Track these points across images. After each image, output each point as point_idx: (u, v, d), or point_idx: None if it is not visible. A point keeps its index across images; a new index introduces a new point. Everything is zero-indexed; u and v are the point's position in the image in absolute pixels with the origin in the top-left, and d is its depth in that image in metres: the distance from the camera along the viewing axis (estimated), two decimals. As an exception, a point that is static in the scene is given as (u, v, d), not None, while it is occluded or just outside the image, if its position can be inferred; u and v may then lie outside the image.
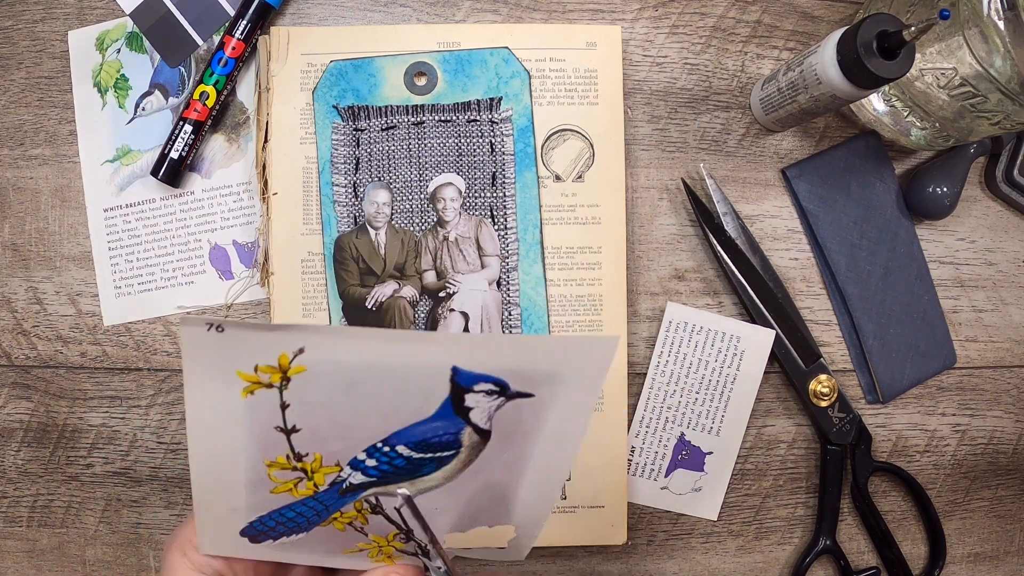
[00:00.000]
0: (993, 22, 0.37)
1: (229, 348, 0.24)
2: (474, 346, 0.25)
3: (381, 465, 0.27)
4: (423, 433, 0.26)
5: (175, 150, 0.46)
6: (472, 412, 0.26)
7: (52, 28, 0.48)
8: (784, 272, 0.49)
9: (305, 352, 0.24)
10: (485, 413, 0.26)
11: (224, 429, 0.26)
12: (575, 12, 0.49)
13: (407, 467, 0.27)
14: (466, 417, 0.26)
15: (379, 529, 0.30)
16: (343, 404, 0.26)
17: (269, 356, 0.24)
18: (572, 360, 0.25)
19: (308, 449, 0.27)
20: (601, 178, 0.46)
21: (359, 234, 0.46)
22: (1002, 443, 0.51)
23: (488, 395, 0.26)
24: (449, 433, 0.27)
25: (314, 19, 0.48)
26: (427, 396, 0.26)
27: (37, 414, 0.48)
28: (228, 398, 0.25)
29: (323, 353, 0.24)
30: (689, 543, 0.49)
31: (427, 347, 0.25)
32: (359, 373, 0.25)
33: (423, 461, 0.27)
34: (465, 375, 0.25)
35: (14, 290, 0.48)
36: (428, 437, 0.27)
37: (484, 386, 0.25)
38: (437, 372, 0.25)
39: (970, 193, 0.51)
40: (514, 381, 0.26)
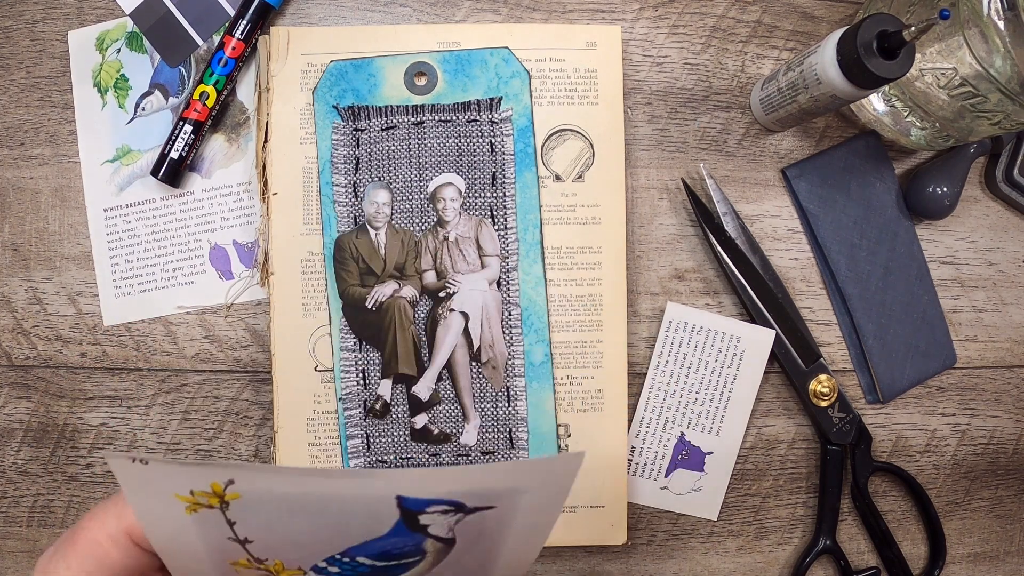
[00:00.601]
0: (993, 22, 0.37)
1: (160, 479, 0.23)
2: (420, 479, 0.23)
3: (345, 571, 0.26)
4: (382, 547, 0.25)
5: (175, 150, 0.46)
6: (430, 528, 0.25)
7: (52, 28, 0.48)
8: (784, 272, 0.49)
9: (235, 483, 0.23)
10: (445, 527, 0.25)
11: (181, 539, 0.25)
12: (575, 12, 0.49)
13: (372, 574, 0.26)
14: (424, 532, 0.25)
15: None
16: (289, 525, 0.25)
17: (202, 484, 0.23)
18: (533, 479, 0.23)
19: (266, 555, 0.26)
20: (601, 178, 0.46)
21: (359, 234, 0.46)
22: (1002, 443, 0.51)
23: (444, 513, 0.24)
24: (409, 546, 0.25)
25: (314, 19, 0.48)
26: (376, 519, 0.24)
27: (37, 414, 0.48)
28: (174, 515, 0.24)
29: (254, 484, 0.24)
30: (689, 543, 0.49)
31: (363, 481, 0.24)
32: (297, 501, 0.24)
33: (388, 568, 0.26)
34: (413, 501, 0.24)
35: (14, 290, 0.48)
36: (388, 549, 0.25)
37: (437, 508, 0.24)
38: (382, 500, 0.24)
39: (970, 193, 0.51)
40: (470, 500, 0.24)
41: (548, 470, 0.23)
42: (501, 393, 0.46)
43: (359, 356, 0.46)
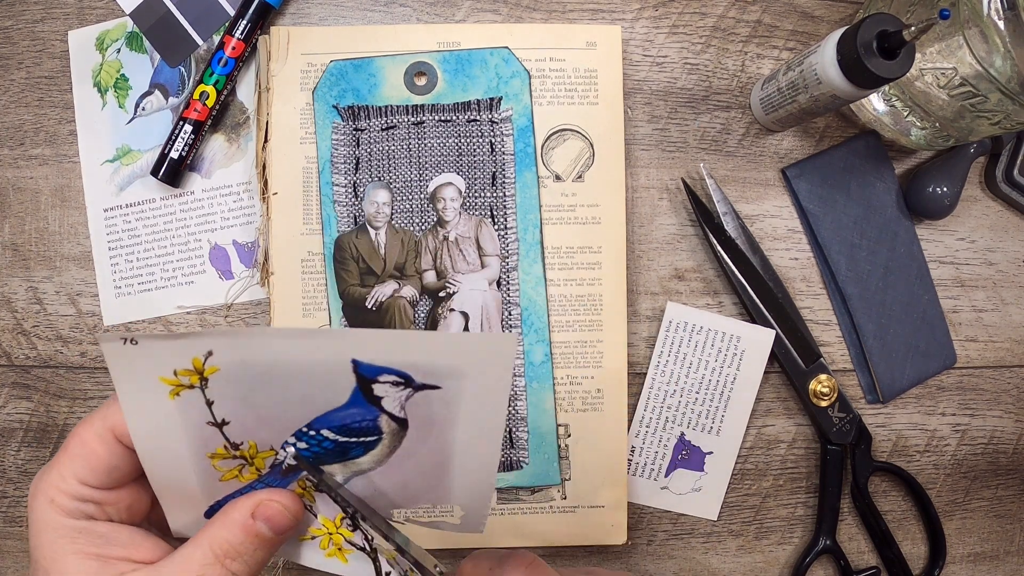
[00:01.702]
0: (993, 22, 0.37)
1: (147, 358, 0.26)
2: (370, 340, 0.25)
3: (312, 447, 0.28)
4: (342, 419, 0.27)
5: (175, 150, 0.46)
6: (383, 401, 0.27)
7: (52, 28, 0.48)
8: (784, 272, 0.49)
9: (213, 355, 0.26)
10: (396, 402, 0.27)
11: (162, 431, 0.27)
12: (575, 12, 0.49)
13: (336, 449, 0.28)
14: (379, 406, 0.27)
15: (326, 511, 0.30)
16: (261, 398, 0.27)
17: (184, 361, 0.26)
18: (471, 357, 0.25)
19: (242, 438, 0.28)
20: (601, 178, 0.46)
21: (359, 234, 0.46)
22: (1002, 443, 0.51)
23: (395, 385, 0.26)
24: (367, 420, 0.27)
25: (314, 19, 0.48)
26: (336, 387, 0.26)
27: (37, 414, 0.48)
28: (158, 402, 0.27)
29: (230, 354, 0.26)
30: (689, 543, 0.49)
31: (322, 342, 0.26)
32: (268, 369, 0.26)
33: (349, 444, 0.28)
34: (367, 367, 0.26)
35: (14, 290, 0.48)
36: (348, 423, 0.27)
37: (388, 377, 0.26)
38: (340, 365, 0.26)
39: (970, 193, 0.51)
40: (417, 374, 0.26)
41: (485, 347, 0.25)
42: (501, 393, 0.46)
43: (359, 356, 0.46)
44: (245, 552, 0.26)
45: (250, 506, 0.27)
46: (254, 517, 0.26)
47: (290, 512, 0.27)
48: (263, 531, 0.27)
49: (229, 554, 0.26)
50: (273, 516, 0.27)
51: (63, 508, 0.26)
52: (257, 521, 0.27)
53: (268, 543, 0.27)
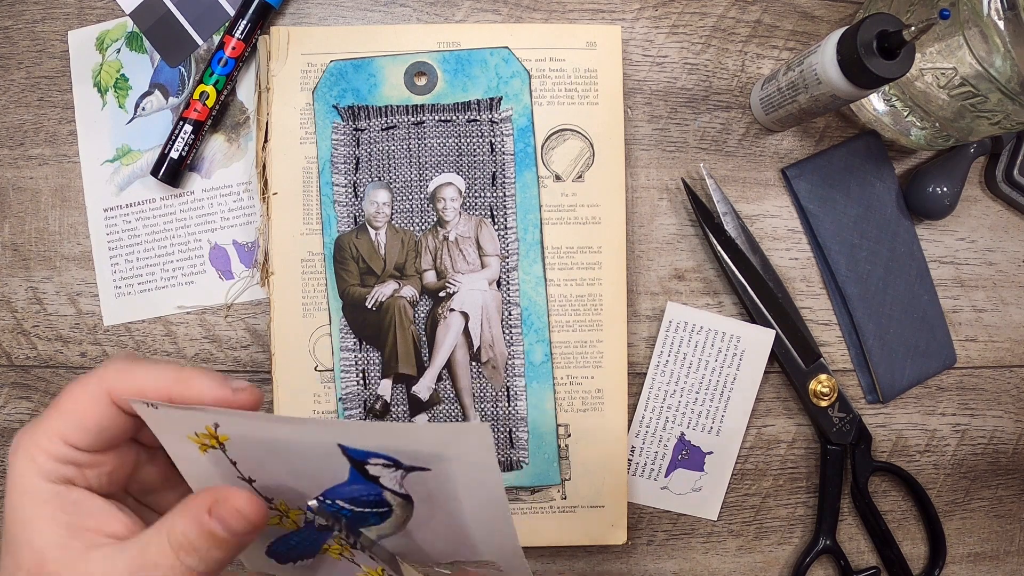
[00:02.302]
0: (993, 22, 0.37)
1: (169, 420, 0.26)
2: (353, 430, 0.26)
3: (332, 512, 0.28)
4: (350, 493, 0.27)
5: (175, 150, 0.46)
6: (381, 479, 0.27)
7: (52, 28, 0.48)
8: (784, 272, 0.49)
9: (220, 426, 0.26)
10: (393, 481, 0.27)
11: (205, 476, 0.28)
12: (575, 12, 0.49)
13: (354, 517, 0.28)
14: (378, 483, 0.27)
15: (367, 562, 0.30)
16: (273, 467, 0.27)
17: (199, 426, 0.26)
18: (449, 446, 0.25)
19: (271, 495, 0.28)
20: (601, 178, 0.46)
21: (359, 234, 0.46)
22: (1002, 443, 0.51)
23: (385, 467, 0.26)
24: (372, 494, 0.27)
25: (314, 19, 0.48)
26: (334, 465, 0.26)
27: (37, 414, 0.48)
28: (193, 454, 0.27)
29: (233, 428, 0.26)
30: (689, 543, 0.49)
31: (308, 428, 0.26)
32: (270, 445, 0.26)
33: (364, 514, 0.28)
34: (354, 451, 0.26)
35: (14, 290, 0.48)
36: (356, 496, 0.27)
37: (377, 460, 0.26)
38: (330, 448, 0.26)
39: (970, 193, 0.51)
40: (403, 458, 0.26)
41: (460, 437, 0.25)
42: (501, 393, 0.46)
43: (359, 356, 0.46)
44: (200, 548, 0.25)
45: (208, 502, 0.26)
46: (209, 513, 0.25)
47: (245, 517, 0.25)
48: (217, 530, 0.25)
49: (184, 547, 0.25)
50: (227, 518, 0.25)
51: (42, 469, 0.26)
52: (212, 519, 0.25)
53: (224, 543, 0.26)
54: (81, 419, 0.26)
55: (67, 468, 0.26)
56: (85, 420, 0.26)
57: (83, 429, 0.26)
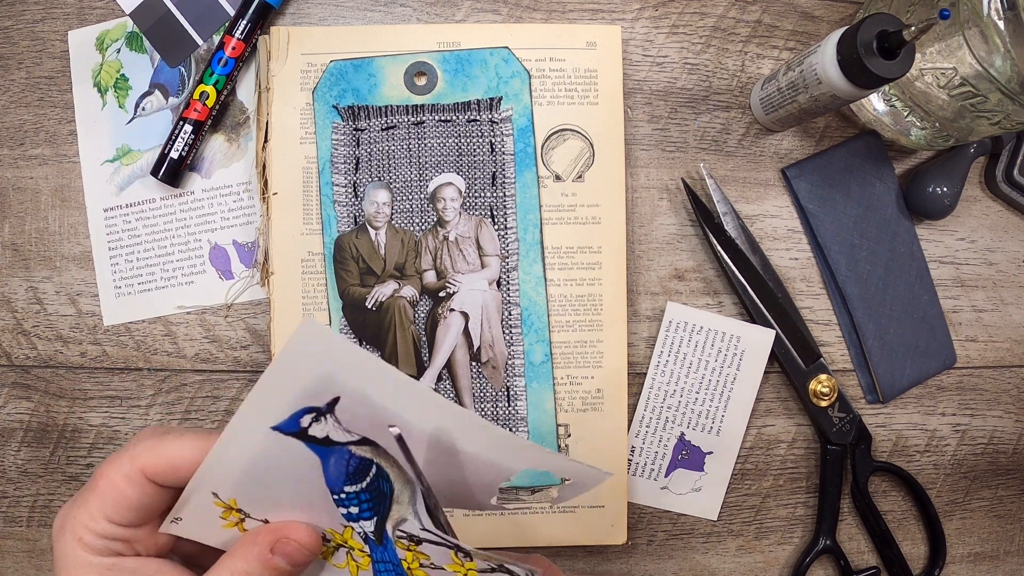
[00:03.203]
0: (993, 22, 0.37)
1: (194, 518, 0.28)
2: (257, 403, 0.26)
3: (361, 506, 0.28)
4: (337, 472, 0.27)
5: (175, 150, 0.46)
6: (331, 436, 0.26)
7: (52, 28, 0.48)
8: (784, 272, 0.49)
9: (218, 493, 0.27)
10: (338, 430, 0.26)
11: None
12: (575, 12, 0.49)
13: (375, 496, 0.28)
14: (334, 443, 0.27)
15: (441, 557, 0.30)
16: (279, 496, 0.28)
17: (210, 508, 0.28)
18: (303, 360, 0.25)
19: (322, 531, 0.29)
20: (601, 178, 0.46)
21: (359, 234, 0.46)
22: (1002, 443, 0.51)
23: (316, 420, 0.26)
24: (344, 460, 0.27)
25: (314, 19, 0.48)
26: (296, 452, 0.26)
27: (37, 414, 0.48)
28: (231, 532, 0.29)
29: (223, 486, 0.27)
30: (689, 543, 0.49)
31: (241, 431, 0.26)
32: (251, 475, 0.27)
33: (373, 485, 0.28)
34: (284, 425, 0.26)
35: (14, 290, 0.48)
36: (345, 471, 0.27)
37: (305, 419, 0.26)
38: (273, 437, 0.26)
39: (970, 193, 0.51)
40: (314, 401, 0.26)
41: (293, 347, 0.24)
42: (501, 393, 0.46)
43: (359, 356, 0.46)
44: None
45: (270, 540, 0.27)
46: (273, 552, 0.27)
47: (307, 549, 0.28)
48: (281, 565, 0.27)
49: None
50: (291, 552, 0.27)
51: (91, 546, 0.27)
52: (276, 556, 0.27)
53: (285, 574, 0.27)
54: (119, 499, 0.27)
55: (115, 544, 0.27)
56: (124, 501, 0.27)
57: (124, 509, 0.27)
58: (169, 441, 0.27)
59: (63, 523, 0.27)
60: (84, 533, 0.27)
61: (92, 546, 0.27)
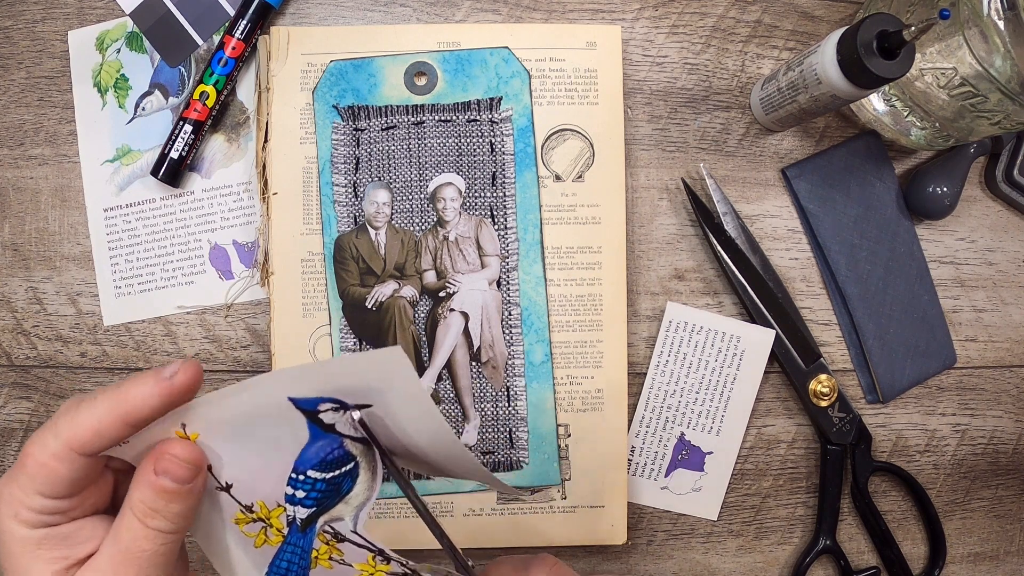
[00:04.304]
0: (993, 22, 0.37)
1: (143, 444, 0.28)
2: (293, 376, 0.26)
3: (310, 493, 0.29)
4: (316, 454, 0.28)
5: (175, 150, 0.46)
6: (337, 426, 0.27)
7: (52, 28, 0.48)
8: (784, 272, 0.49)
9: (187, 425, 0.28)
10: (347, 425, 0.27)
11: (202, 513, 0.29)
12: (575, 12, 0.49)
13: (329, 489, 0.29)
14: (336, 432, 0.27)
15: (357, 556, 0.31)
16: (241, 452, 0.28)
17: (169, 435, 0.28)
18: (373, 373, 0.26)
19: (250, 499, 0.29)
20: (601, 178, 0.46)
21: (359, 234, 0.46)
22: (1002, 443, 0.51)
23: (335, 411, 0.27)
24: (335, 448, 0.28)
25: (314, 19, 0.48)
26: (293, 425, 0.27)
27: (37, 414, 0.48)
28: None
29: (197, 421, 0.27)
30: (689, 543, 0.49)
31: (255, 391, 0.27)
32: (232, 425, 0.27)
33: (337, 479, 0.28)
34: (303, 401, 0.26)
35: (14, 290, 0.48)
36: (323, 456, 0.28)
37: (326, 405, 0.27)
38: (282, 405, 0.26)
39: (970, 193, 0.51)
40: (347, 397, 0.27)
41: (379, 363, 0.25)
42: (501, 393, 0.46)
43: (359, 356, 0.46)
44: (159, 507, 0.27)
45: (151, 463, 0.27)
46: (155, 473, 0.27)
47: (186, 461, 0.27)
48: (167, 484, 0.27)
49: (147, 513, 0.27)
50: (170, 468, 0.27)
51: (28, 521, 0.27)
52: (159, 476, 0.27)
53: (177, 495, 0.27)
54: (50, 476, 0.27)
55: (51, 516, 0.27)
56: (55, 476, 0.27)
57: (56, 484, 0.27)
58: (85, 408, 0.27)
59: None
60: (20, 509, 0.27)
61: (28, 520, 0.27)
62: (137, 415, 0.27)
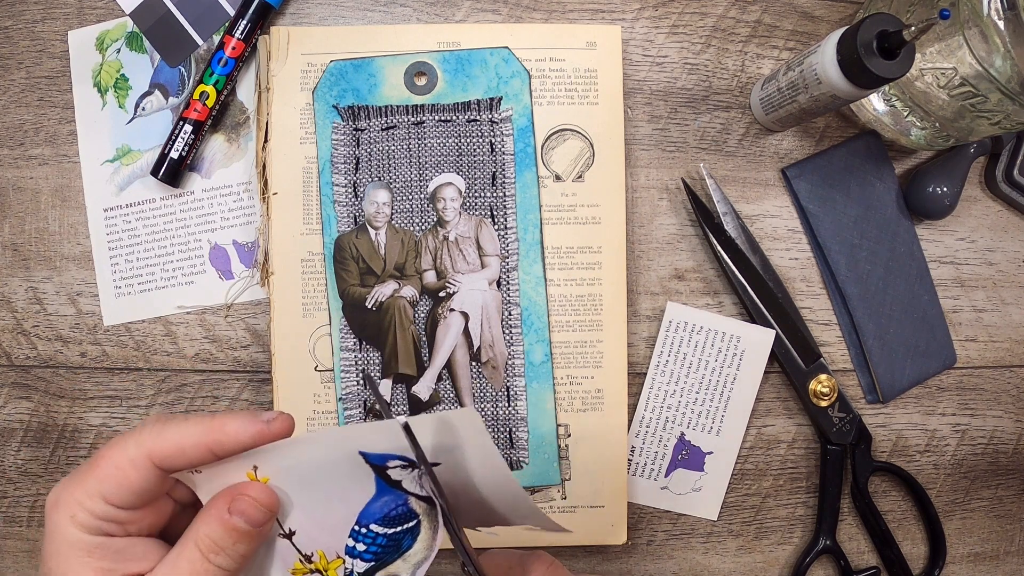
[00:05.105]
0: (993, 22, 0.37)
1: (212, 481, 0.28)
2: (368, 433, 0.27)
3: (370, 547, 0.29)
4: (380, 509, 0.28)
5: (175, 150, 0.46)
6: (403, 483, 0.27)
7: (52, 28, 0.48)
8: (784, 272, 0.49)
9: (259, 468, 0.28)
10: (414, 483, 0.27)
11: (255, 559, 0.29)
12: (575, 12, 0.49)
13: (390, 544, 0.29)
14: (402, 489, 0.28)
15: None
16: (308, 500, 0.28)
17: (241, 475, 0.28)
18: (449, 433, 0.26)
19: (310, 549, 0.29)
20: (601, 178, 0.46)
21: (359, 234, 0.46)
22: (1002, 443, 0.51)
23: (404, 469, 0.27)
24: (399, 505, 0.28)
25: (314, 19, 0.48)
26: (361, 478, 0.27)
27: (37, 414, 0.48)
28: None
29: (270, 465, 0.28)
30: (689, 543, 0.49)
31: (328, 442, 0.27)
32: (302, 472, 0.28)
33: (398, 536, 0.29)
34: (374, 456, 0.27)
35: (14, 290, 0.48)
36: (387, 511, 0.28)
37: (396, 463, 0.27)
38: (353, 458, 0.27)
39: (970, 193, 0.51)
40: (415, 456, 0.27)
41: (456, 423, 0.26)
42: (501, 393, 0.46)
43: (359, 356, 0.46)
44: (226, 546, 0.27)
45: (226, 501, 0.27)
46: (230, 512, 0.27)
47: (262, 505, 0.28)
48: (240, 525, 0.27)
49: (212, 549, 0.27)
50: (246, 510, 0.27)
51: (84, 524, 0.27)
52: (233, 516, 0.27)
53: (246, 536, 0.27)
54: (121, 481, 0.27)
55: (108, 524, 0.27)
56: (125, 482, 0.27)
57: (123, 490, 0.27)
58: (174, 426, 0.27)
59: (57, 499, 0.27)
60: (78, 511, 0.27)
61: (84, 524, 0.27)
62: (225, 446, 0.27)
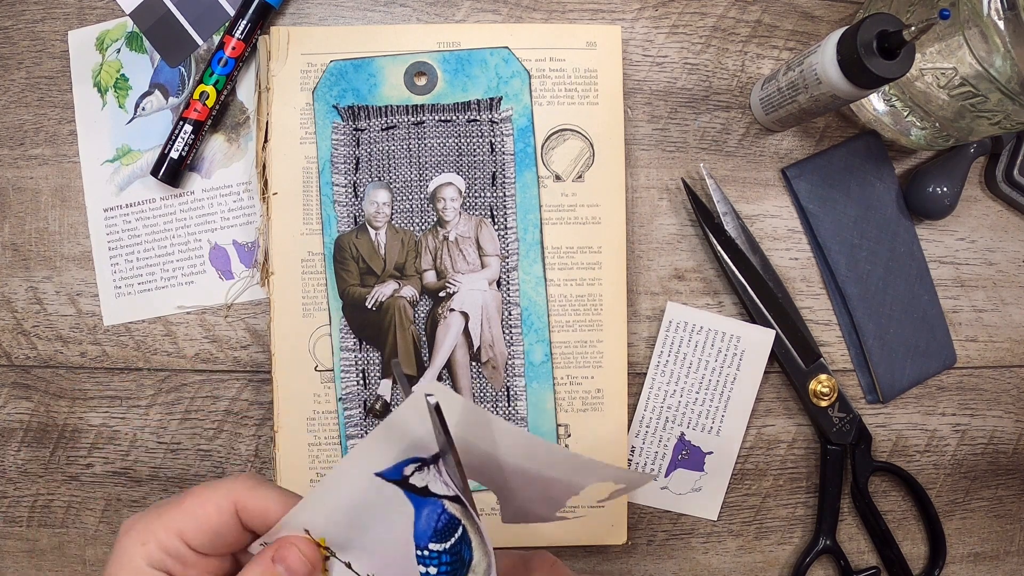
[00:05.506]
0: (993, 22, 0.37)
1: None
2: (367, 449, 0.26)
3: (440, 568, 0.28)
4: (428, 524, 0.28)
5: (175, 150, 0.46)
6: (430, 487, 0.27)
7: (52, 28, 0.48)
8: (784, 272, 0.49)
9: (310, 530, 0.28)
10: (438, 482, 0.27)
11: None
12: (575, 12, 0.49)
13: (455, 559, 0.29)
14: (432, 494, 0.27)
15: None
16: (367, 542, 0.28)
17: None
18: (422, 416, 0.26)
19: None
20: (601, 178, 0.46)
21: (359, 234, 0.46)
22: (1002, 443, 0.51)
23: (420, 471, 0.27)
24: (440, 513, 0.28)
25: (314, 19, 0.48)
26: (393, 500, 0.27)
27: (37, 414, 0.48)
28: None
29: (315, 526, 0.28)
30: (689, 543, 0.49)
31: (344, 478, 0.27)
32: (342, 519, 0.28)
33: (456, 547, 0.28)
34: (388, 472, 0.27)
35: (14, 290, 0.48)
36: (433, 525, 0.28)
37: (410, 468, 0.27)
38: (374, 483, 0.27)
39: (970, 193, 0.51)
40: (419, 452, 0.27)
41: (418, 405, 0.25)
42: (501, 393, 0.46)
43: (359, 356, 0.46)
44: None
45: (274, 549, 0.28)
46: (273, 560, 0.28)
47: (305, 557, 0.28)
48: (280, 573, 0.28)
49: None
50: (288, 557, 0.28)
51: (150, 556, 0.27)
52: (276, 564, 0.28)
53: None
54: (204, 522, 0.27)
55: (173, 562, 0.27)
56: (206, 524, 0.27)
57: (200, 531, 0.27)
58: (266, 489, 0.28)
59: (132, 524, 0.28)
60: (150, 540, 0.27)
61: (151, 556, 0.27)
62: None
